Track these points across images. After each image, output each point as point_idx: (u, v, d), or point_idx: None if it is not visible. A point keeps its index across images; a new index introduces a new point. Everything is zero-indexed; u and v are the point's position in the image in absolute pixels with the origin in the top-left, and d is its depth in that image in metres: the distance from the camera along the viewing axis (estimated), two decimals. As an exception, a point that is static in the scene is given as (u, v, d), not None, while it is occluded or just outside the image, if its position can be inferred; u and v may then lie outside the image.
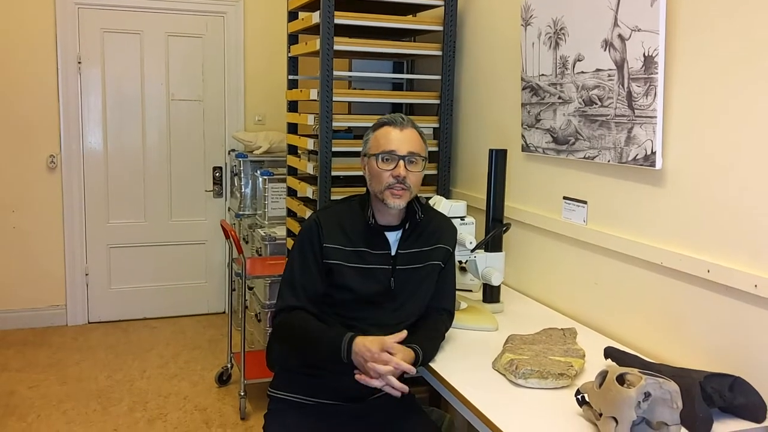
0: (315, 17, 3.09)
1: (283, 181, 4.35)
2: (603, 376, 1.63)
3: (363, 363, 1.90)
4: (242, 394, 3.63)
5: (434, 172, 3.32)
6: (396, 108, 3.80)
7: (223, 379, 4.02)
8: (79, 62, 4.78)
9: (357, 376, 1.91)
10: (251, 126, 5.21)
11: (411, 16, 3.61)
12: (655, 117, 2.06)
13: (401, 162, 2.04)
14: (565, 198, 2.58)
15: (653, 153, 2.08)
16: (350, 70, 3.90)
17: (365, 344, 1.91)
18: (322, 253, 2.08)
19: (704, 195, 1.96)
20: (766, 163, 1.76)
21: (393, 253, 2.13)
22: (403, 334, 1.96)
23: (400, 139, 2.06)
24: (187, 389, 3.95)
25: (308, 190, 3.26)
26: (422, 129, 2.15)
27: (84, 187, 4.91)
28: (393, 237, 2.14)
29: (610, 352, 1.98)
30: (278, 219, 4.45)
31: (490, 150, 2.58)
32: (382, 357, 1.88)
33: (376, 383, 1.88)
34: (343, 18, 3.04)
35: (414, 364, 1.96)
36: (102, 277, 5.06)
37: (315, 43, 3.11)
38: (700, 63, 1.95)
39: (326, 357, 1.98)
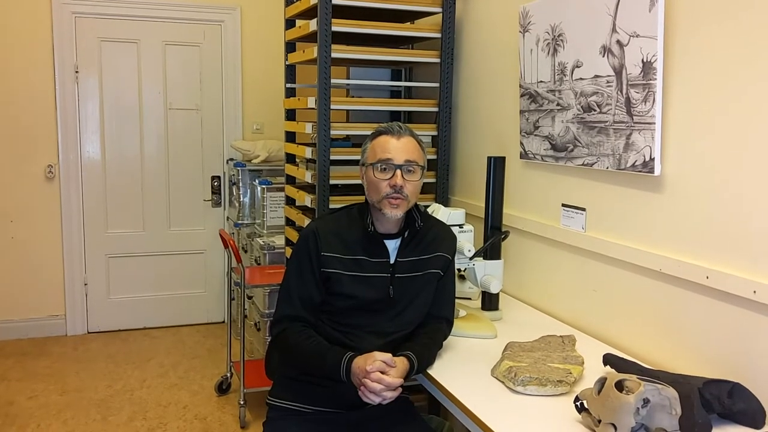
0: (312, 25, 3.09)
1: (282, 190, 4.35)
2: (602, 382, 1.62)
3: (359, 383, 1.92)
4: (242, 402, 3.62)
5: (433, 180, 3.32)
6: (394, 116, 3.81)
7: (222, 388, 4.01)
8: (77, 71, 4.78)
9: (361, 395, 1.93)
10: (249, 135, 5.22)
11: (409, 23, 3.62)
12: (654, 123, 2.06)
13: (398, 171, 2.04)
14: (563, 205, 2.58)
15: (652, 159, 2.08)
16: (348, 78, 3.90)
17: (358, 364, 1.93)
18: (319, 261, 2.09)
19: (703, 201, 1.96)
20: (764, 169, 1.76)
21: (392, 261, 2.13)
22: (388, 356, 1.95)
23: (396, 147, 2.06)
24: (186, 398, 3.94)
25: (307, 199, 3.26)
26: (421, 137, 2.15)
27: (82, 197, 4.91)
28: (392, 245, 2.14)
29: (608, 359, 1.97)
30: (277, 228, 4.45)
31: (488, 157, 2.58)
32: (372, 376, 1.89)
33: (376, 400, 1.90)
34: (340, 26, 3.05)
35: (409, 372, 1.96)
36: (101, 287, 5.05)
37: (312, 51, 3.12)
38: (698, 68, 1.95)
39: (327, 375, 2.00)
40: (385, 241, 2.13)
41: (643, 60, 2.08)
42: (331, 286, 2.09)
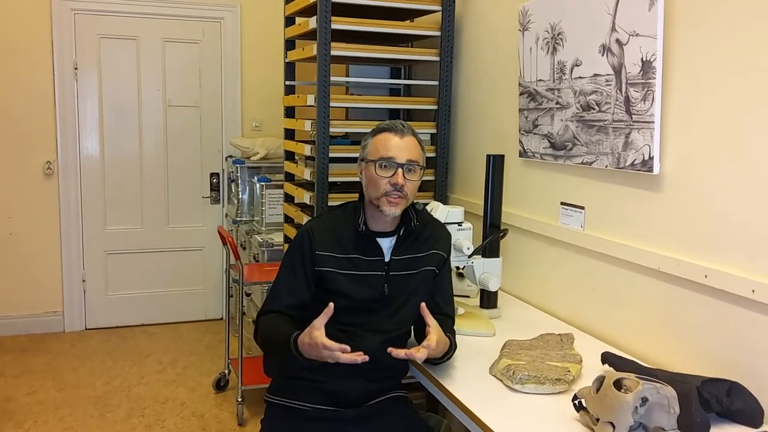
0: (312, 22, 3.09)
1: (281, 187, 4.34)
2: (600, 381, 1.62)
3: (326, 358, 1.86)
4: (240, 400, 3.62)
5: (432, 177, 3.32)
6: (393, 113, 3.81)
7: (220, 385, 4.01)
8: (76, 68, 4.78)
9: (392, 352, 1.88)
10: (248, 132, 5.21)
11: (408, 21, 3.62)
12: (653, 122, 2.06)
13: (400, 170, 2.04)
14: (562, 203, 2.58)
15: (651, 158, 2.08)
16: (347, 76, 3.90)
17: (305, 341, 1.88)
18: (313, 260, 2.09)
19: (702, 200, 1.96)
20: (763, 168, 1.76)
21: (387, 259, 2.12)
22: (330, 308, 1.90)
23: (399, 146, 2.06)
24: (184, 395, 3.94)
25: (305, 196, 3.26)
26: (420, 134, 2.15)
27: (81, 194, 4.90)
28: (387, 243, 2.14)
29: (607, 357, 1.97)
30: (275, 225, 4.45)
31: (487, 155, 2.58)
32: (328, 350, 1.84)
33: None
34: (340, 23, 3.04)
35: (446, 353, 2.02)
36: (99, 284, 5.05)
37: (312, 49, 3.11)
38: (697, 68, 1.95)
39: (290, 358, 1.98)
40: (380, 239, 2.13)
41: (642, 59, 2.07)
42: (326, 284, 2.09)
